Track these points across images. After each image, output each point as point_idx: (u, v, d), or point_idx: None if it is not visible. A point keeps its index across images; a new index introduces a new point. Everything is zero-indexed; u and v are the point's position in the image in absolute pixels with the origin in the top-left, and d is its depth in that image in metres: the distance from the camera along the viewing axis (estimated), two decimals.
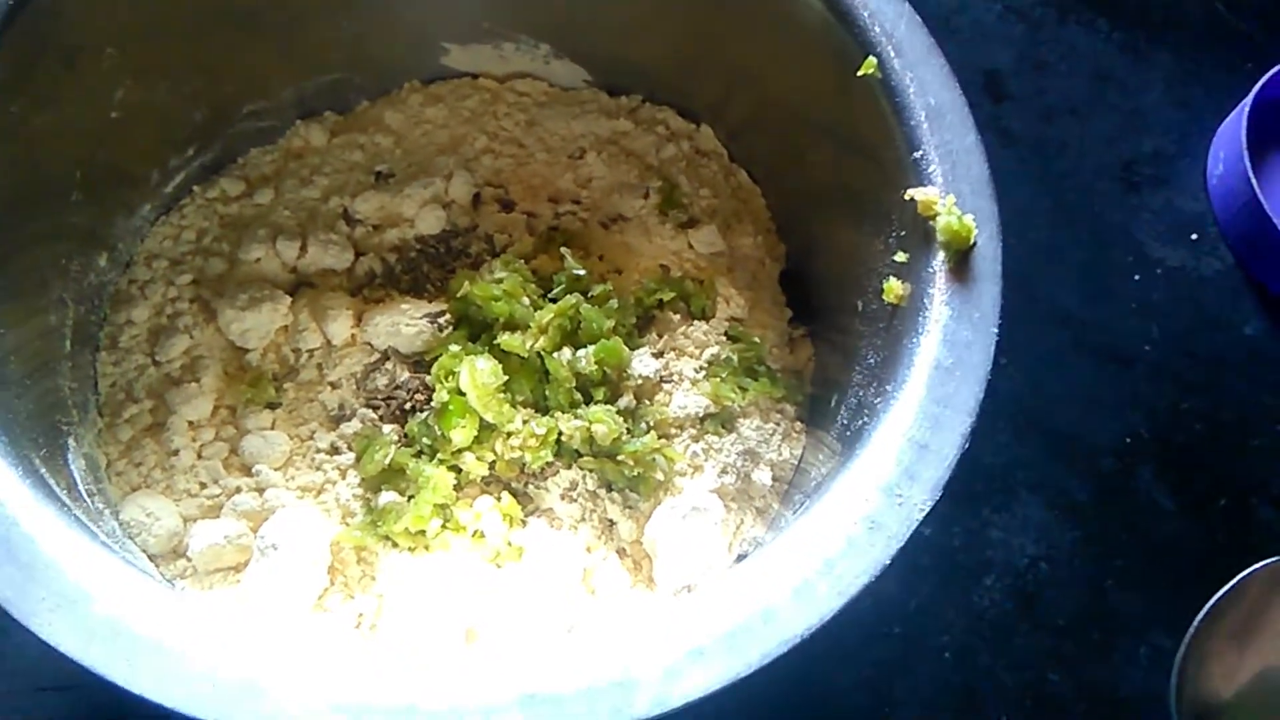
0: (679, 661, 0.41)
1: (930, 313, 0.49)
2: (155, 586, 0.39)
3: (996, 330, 0.48)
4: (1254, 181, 0.78)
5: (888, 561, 0.43)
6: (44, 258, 0.58)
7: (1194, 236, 0.83)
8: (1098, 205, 0.84)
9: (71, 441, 0.56)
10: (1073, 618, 0.70)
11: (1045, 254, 0.81)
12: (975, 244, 0.50)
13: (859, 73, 0.55)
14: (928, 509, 0.44)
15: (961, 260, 0.50)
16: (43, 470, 0.47)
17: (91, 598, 0.38)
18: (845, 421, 0.55)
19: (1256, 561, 0.67)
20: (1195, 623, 0.66)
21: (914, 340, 0.49)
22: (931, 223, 0.51)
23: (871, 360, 0.54)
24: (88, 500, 0.54)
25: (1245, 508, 0.74)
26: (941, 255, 0.50)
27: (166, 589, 0.40)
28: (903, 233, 0.53)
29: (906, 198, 0.52)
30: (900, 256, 0.53)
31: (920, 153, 0.53)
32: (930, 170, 0.52)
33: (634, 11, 0.68)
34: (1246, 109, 0.80)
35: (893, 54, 0.55)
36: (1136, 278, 0.81)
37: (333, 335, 0.65)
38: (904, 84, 0.54)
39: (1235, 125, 0.82)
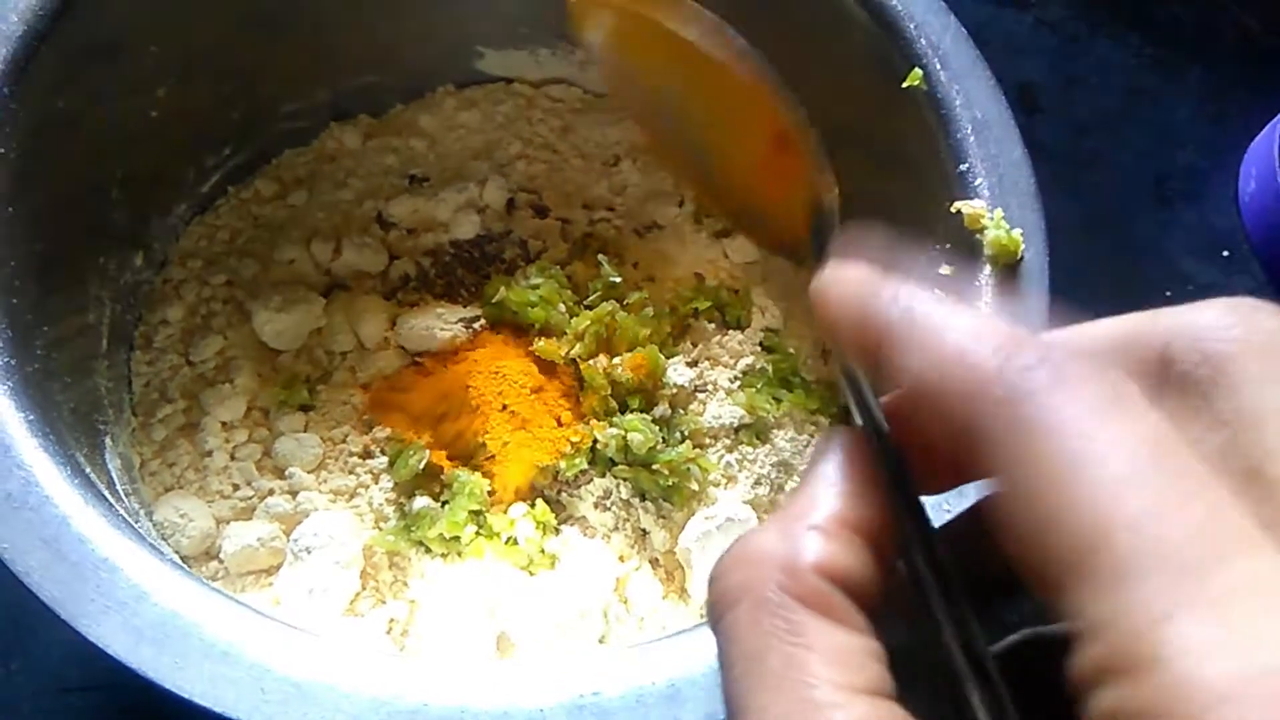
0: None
1: None
2: (203, 588, 0.39)
3: None
4: None
5: None
6: (83, 255, 0.58)
7: (1225, 253, 0.83)
8: (1130, 220, 0.83)
9: (108, 440, 0.56)
10: None
11: (1076, 268, 0.79)
12: (1023, 258, 0.50)
13: (904, 84, 0.55)
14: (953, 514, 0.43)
15: (1008, 274, 0.50)
16: (86, 468, 0.47)
17: (141, 599, 0.38)
18: None
19: None
20: None
21: None
22: (978, 236, 0.51)
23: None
24: (125, 500, 0.53)
25: None
26: (988, 269, 0.50)
27: (213, 591, 0.40)
28: (947, 245, 0.53)
29: (954, 210, 0.51)
30: (945, 269, 0.52)
31: (966, 165, 0.52)
32: (977, 184, 0.52)
33: None
34: (1279, 126, 0.80)
35: (939, 66, 0.54)
36: (1168, 294, 0.81)
37: (366, 338, 0.64)
38: (950, 96, 0.54)
39: (1268, 143, 0.81)
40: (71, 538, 0.39)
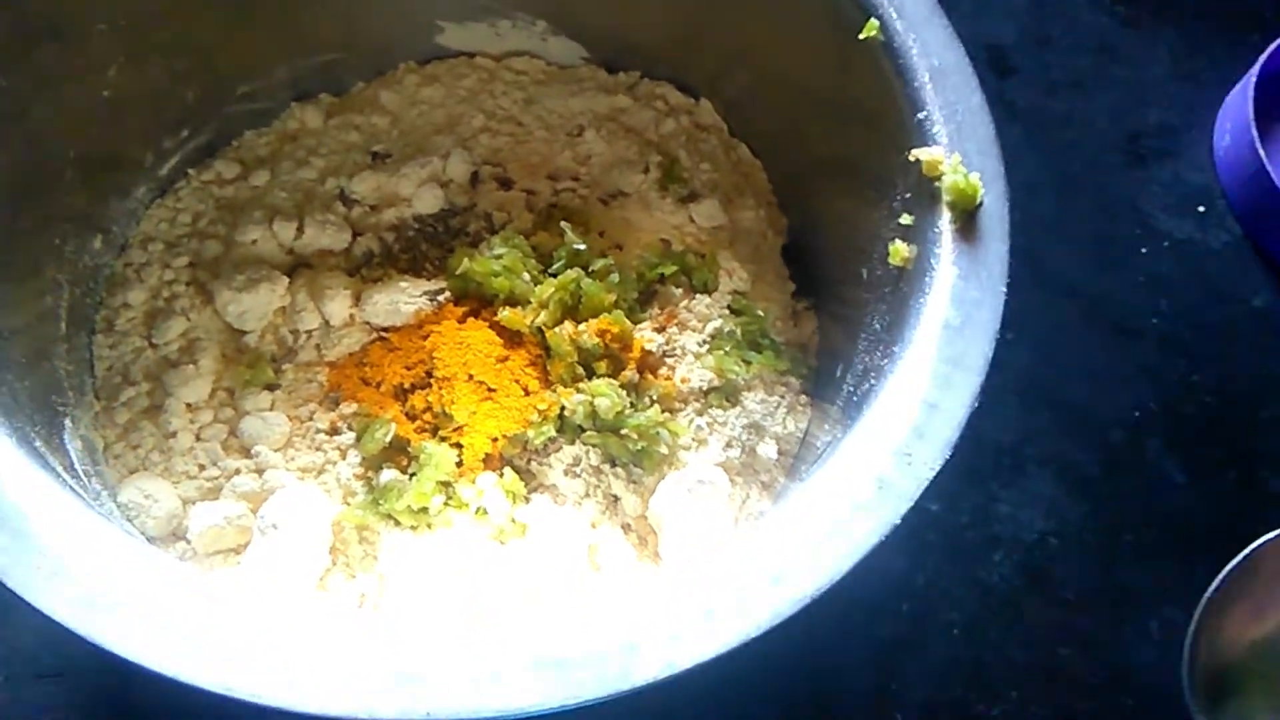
0: (687, 624, 0.40)
1: (937, 273, 0.48)
2: (154, 552, 0.39)
3: (1005, 289, 0.47)
4: (1261, 153, 0.77)
5: (897, 521, 0.42)
6: (39, 240, 0.58)
7: (1201, 209, 0.82)
8: (1104, 178, 0.83)
9: (68, 423, 0.55)
10: (1083, 592, 0.69)
11: (1052, 228, 0.80)
12: (982, 203, 0.49)
13: (861, 35, 0.54)
14: (938, 468, 0.43)
15: (968, 220, 0.49)
16: (42, 450, 0.46)
17: (88, 567, 0.37)
18: (851, 389, 0.55)
19: (1267, 533, 0.66)
20: (1206, 595, 0.64)
21: (920, 300, 0.48)
22: (937, 184, 0.50)
23: (877, 326, 0.53)
24: (86, 481, 0.53)
25: (1255, 480, 0.73)
26: (948, 215, 0.50)
27: (165, 554, 0.39)
28: (907, 195, 0.52)
29: (911, 159, 0.51)
30: (906, 219, 0.52)
31: (924, 114, 0.52)
32: (935, 131, 0.51)
33: None
34: (1253, 80, 0.79)
35: (895, 16, 0.54)
36: (1144, 250, 0.80)
37: (331, 315, 0.64)
38: (907, 45, 0.53)
39: (1241, 97, 0.81)
40: (15, 507, 0.38)
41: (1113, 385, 0.75)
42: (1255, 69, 0.80)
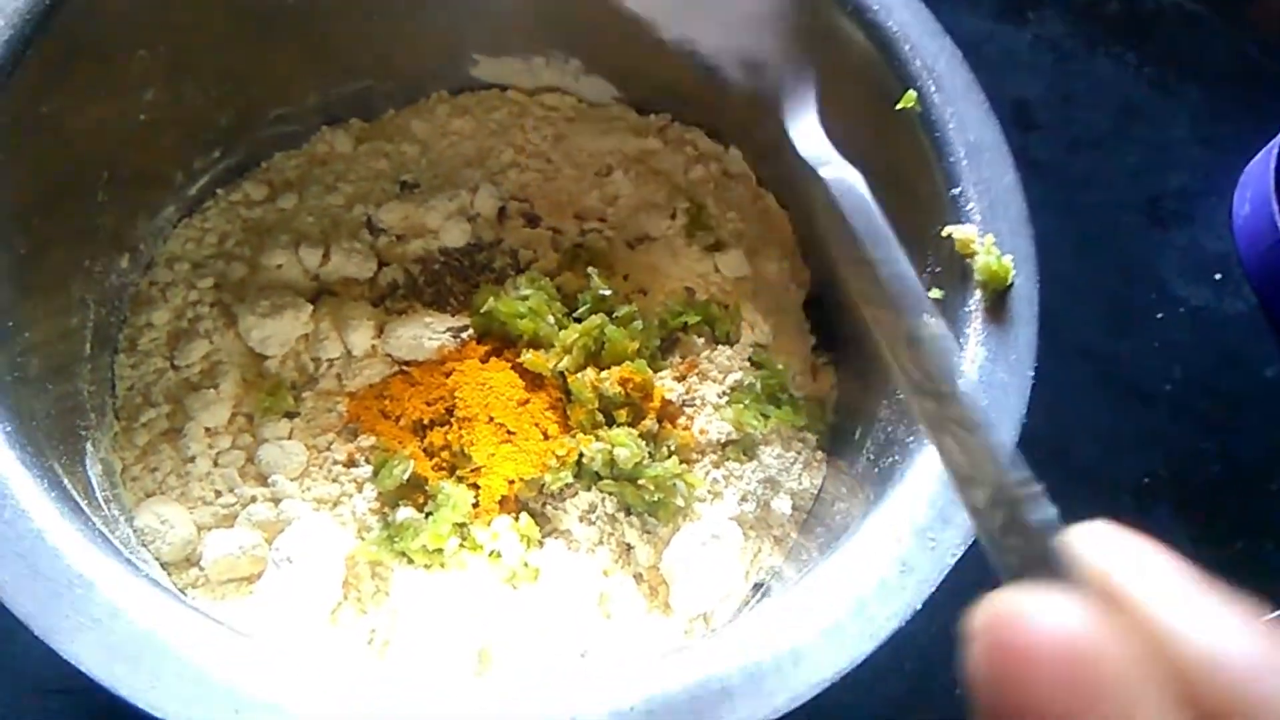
0: (704, 700, 0.40)
1: (966, 353, 0.48)
2: (178, 605, 0.39)
3: (1032, 374, 0.48)
4: None
5: (919, 605, 0.42)
6: (67, 258, 0.58)
7: (1218, 276, 0.83)
8: (1123, 240, 0.83)
9: (90, 446, 0.56)
10: None
11: (1069, 287, 0.80)
12: (1012, 284, 0.50)
13: (898, 106, 0.54)
14: (960, 554, 0.43)
15: (998, 300, 0.50)
16: (63, 477, 0.46)
17: (115, 616, 0.38)
18: (873, 456, 0.55)
19: (1269, 608, 0.67)
20: None
21: None
22: (969, 261, 0.51)
23: (902, 396, 0.54)
24: (104, 507, 0.53)
25: (1261, 552, 0.74)
26: (978, 294, 0.50)
27: (190, 606, 0.39)
28: (938, 269, 0.53)
29: (944, 234, 0.51)
30: (935, 294, 0.52)
31: (959, 189, 0.52)
32: (969, 208, 0.52)
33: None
34: (1275, 151, 0.80)
35: (933, 89, 0.54)
36: (1160, 315, 0.81)
37: (353, 345, 0.64)
38: (944, 119, 0.53)
39: (1263, 167, 0.81)
40: (47, 552, 0.38)
41: (1124, 449, 0.76)
42: (1278, 139, 0.80)
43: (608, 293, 0.63)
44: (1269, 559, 0.73)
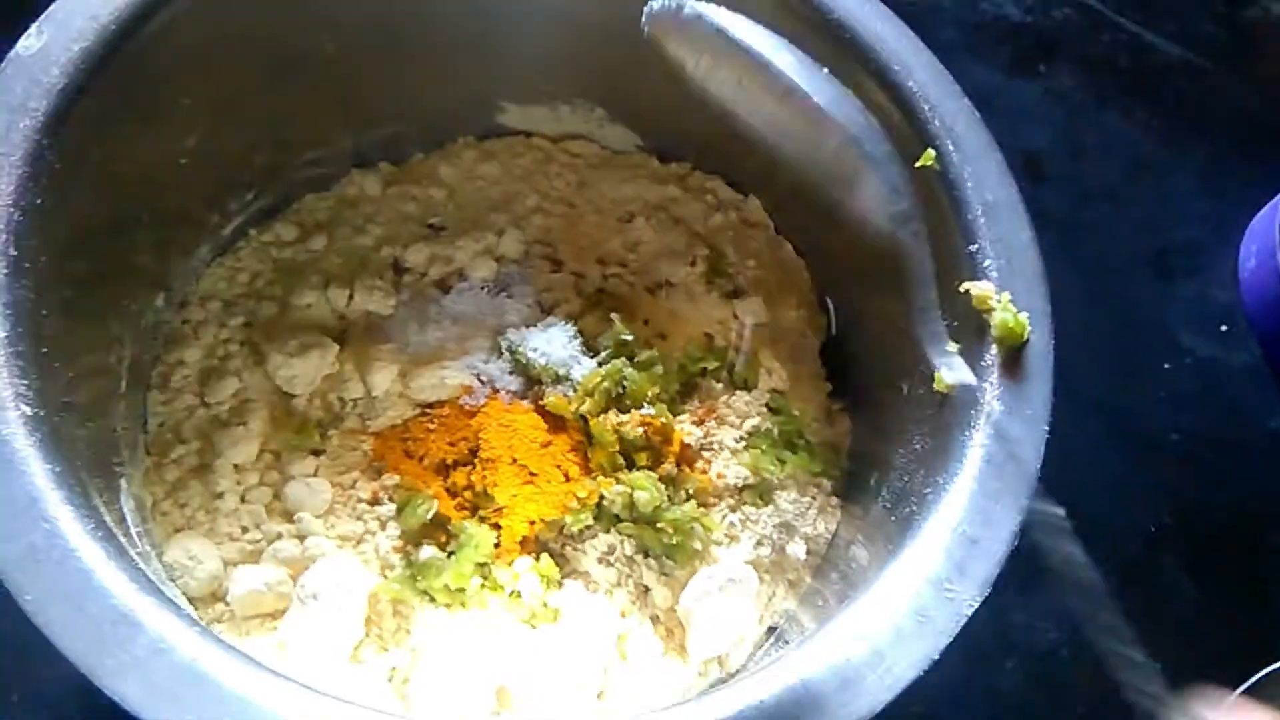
0: None
1: (983, 407, 0.50)
2: (219, 647, 0.40)
3: (1047, 429, 0.49)
4: None
5: (936, 656, 0.43)
6: (108, 295, 0.59)
7: (1224, 328, 0.84)
8: (1131, 292, 0.85)
9: (124, 483, 0.57)
10: (1093, 705, 0.70)
11: (1077, 338, 0.80)
12: (1028, 341, 0.51)
13: (917, 164, 0.56)
14: (976, 604, 0.45)
15: (1014, 356, 0.51)
16: (103, 512, 0.48)
17: (160, 654, 0.39)
18: (889, 505, 0.56)
19: (1275, 656, 0.68)
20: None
21: (966, 434, 0.49)
22: (986, 317, 0.52)
23: (918, 446, 0.55)
24: (138, 542, 0.54)
25: (1266, 602, 0.75)
26: (994, 350, 0.51)
27: (228, 649, 0.40)
28: (955, 323, 0.54)
29: (962, 290, 0.53)
30: (951, 347, 0.53)
31: (976, 246, 0.54)
32: (986, 265, 0.53)
33: (687, 82, 0.69)
34: None
35: (951, 148, 0.56)
36: (1167, 366, 0.82)
37: (375, 387, 0.65)
38: (962, 178, 0.55)
39: (1269, 220, 0.83)
40: (94, 592, 0.39)
41: (1132, 498, 0.77)
42: None
43: (629, 337, 0.65)
44: (1274, 609, 0.74)
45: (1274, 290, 0.81)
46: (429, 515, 0.61)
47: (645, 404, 0.63)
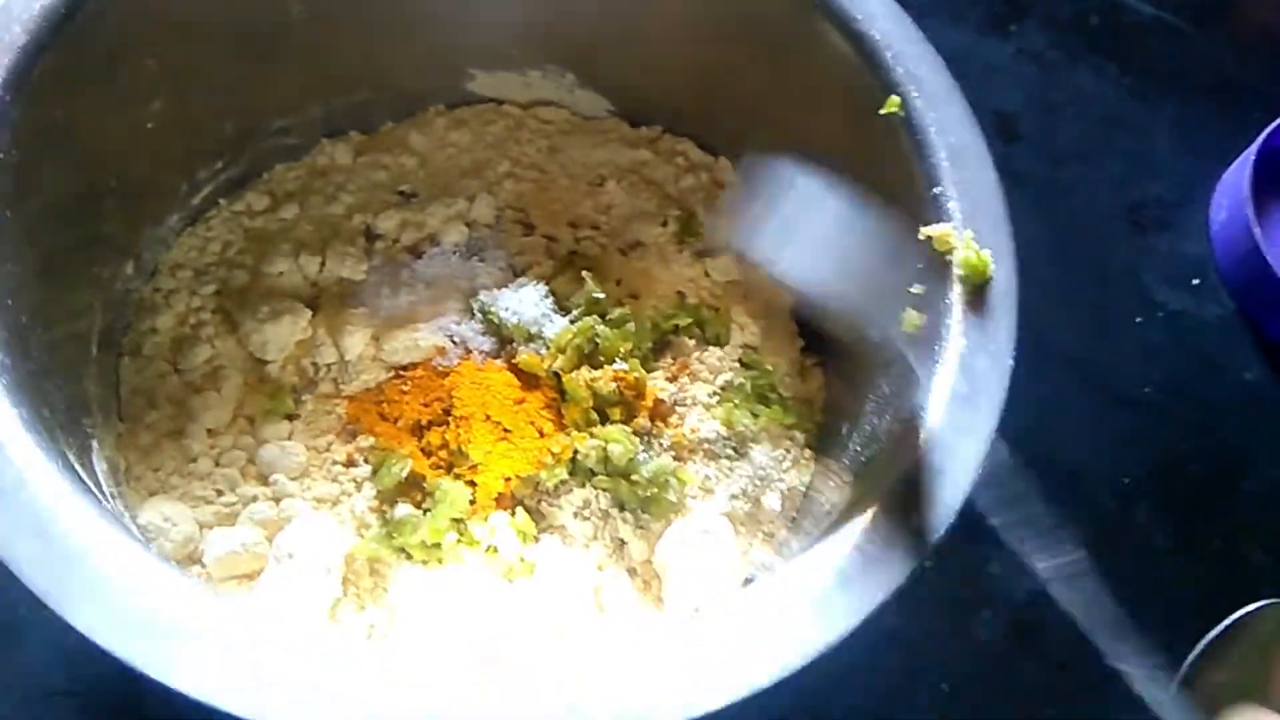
0: (699, 669, 0.41)
1: (947, 343, 0.50)
2: (191, 581, 0.40)
3: (1012, 362, 0.49)
4: (1256, 231, 0.79)
5: (903, 580, 0.44)
6: (77, 264, 0.59)
7: (1196, 281, 0.85)
8: (1104, 247, 0.85)
9: (95, 445, 0.57)
10: (1070, 654, 0.70)
11: (1050, 294, 0.82)
12: (992, 278, 0.52)
13: (881, 111, 0.56)
14: (943, 531, 0.45)
15: (978, 293, 0.51)
16: (77, 468, 0.48)
17: (129, 590, 0.39)
18: (858, 449, 0.56)
19: (1246, 603, 0.69)
20: (1183, 667, 0.67)
21: (930, 369, 0.50)
22: (949, 257, 0.52)
23: (886, 389, 0.55)
24: (111, 503, 0.54)
25: (1237, 551, 0.75)
26: (959, 289, 0.52)
27: (201, 585, 0.40)
28: (920, 266, 0.54)
29: (921, 238, 0.53)
30: (917, 289, 0.54)
31: (940, 189, 0.54)
32: (949, 206, 0.54)
33: (657, 46, 0.69)
34: (1251, 158, 0.82)
35: (915, 94, 0.56)
36: (1139, 320, 0.82)
37: (348, 351, 0.65)
38: (925, 123, 0.55)
39: (1239, 173, 0.84)
40: (61, 529, 0.40)
41: (1104, 451, 0.77)
42: (1254, 147, 0.82)
43: (601, 296, 0.65)
44: (1245, 558, 0.75)
45: (1245, 244, 0.81)
46: (404, 474, 0.61)
47: (618, 359, 0.63)
